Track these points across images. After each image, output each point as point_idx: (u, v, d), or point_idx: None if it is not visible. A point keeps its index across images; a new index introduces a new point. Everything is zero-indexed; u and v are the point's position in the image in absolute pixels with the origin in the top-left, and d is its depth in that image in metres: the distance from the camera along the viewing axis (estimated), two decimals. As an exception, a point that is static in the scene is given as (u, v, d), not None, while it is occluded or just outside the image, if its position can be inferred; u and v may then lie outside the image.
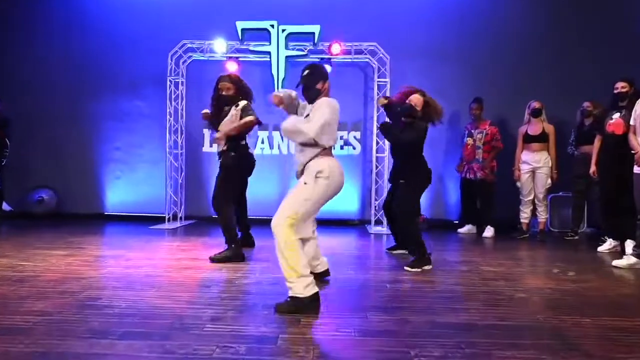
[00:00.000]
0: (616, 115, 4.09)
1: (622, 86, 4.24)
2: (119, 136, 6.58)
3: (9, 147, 5.87)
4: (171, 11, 6.43)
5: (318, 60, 5.98)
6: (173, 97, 6.17)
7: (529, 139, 5.36)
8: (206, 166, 6.47)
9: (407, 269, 3.44)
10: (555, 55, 6.24)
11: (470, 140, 5.66)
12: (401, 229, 3.80)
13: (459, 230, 5.82)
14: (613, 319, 2.37)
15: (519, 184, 5.47)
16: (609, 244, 4.44)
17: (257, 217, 6.24)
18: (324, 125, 2.56)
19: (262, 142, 6.46)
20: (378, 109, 6.08)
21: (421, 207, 4.00)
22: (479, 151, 5.58)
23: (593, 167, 4.55)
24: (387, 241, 5.03)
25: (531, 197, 5.40)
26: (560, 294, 2.87)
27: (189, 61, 6.26)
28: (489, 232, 5.50)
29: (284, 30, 5.86)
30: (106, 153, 6.61)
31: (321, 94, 2.71)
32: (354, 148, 6.44)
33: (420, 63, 6.30)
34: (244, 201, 4.29)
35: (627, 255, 3.73)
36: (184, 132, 6.30)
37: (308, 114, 2.68)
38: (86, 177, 6.58)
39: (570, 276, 3.35)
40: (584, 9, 6.23)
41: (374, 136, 6.09)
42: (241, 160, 3.84)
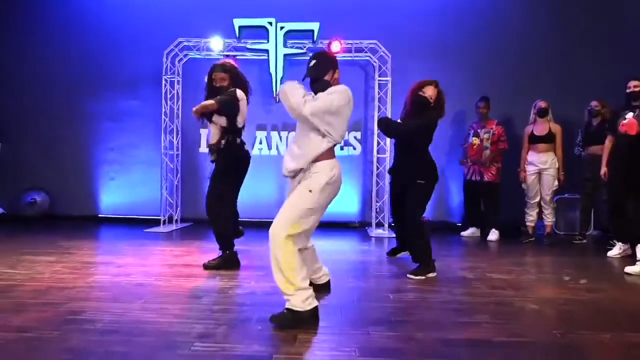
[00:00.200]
0: (629, 115, 3.92)
1: (635, 85, 4.07)
2: (113, 136, 6.41)
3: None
4: (167, 8, 6.26)
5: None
6: (169, 96, 6.00)
7: (535, 139, 5.20)
8: (203, 167, 6.30)
9: (410, 277, 3.28)
10: (560, 53, 6.08)
11: (476, 140, 5.48)
12: (410, 238, 3.56)
13: (462, 233, 5.65)
14: (635, 334, 2.20)
15: (524, 185, 5.30)
16: (618, 248, 4.28)
17: (255, 219, 6.11)
18: (326, 111, 2.30)
19: (260, 143, 6.29)
20: (379, 108, 5.92)
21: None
22: (486, 152, 5.41)
23: (604, 169, 4.38)
24: (389, 245, 4.87)
25: (537, 199, 5.23)
26: (574, 305, 2.70)
27: (185, 60, 6.09)
28: (493, 235, 5.33)
29: (282, 28, 5.69)
30: (100, 154, 6.44)
31: (331, 86, 2.45)
32: (354, 148, 6.27)
33: (422, 61, 6.13)
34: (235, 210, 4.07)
35: (640, 262, 3.57)
36: (179, 133, 6.13)
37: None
38: (80, 178, 6.41)
39: (582, 284, 3.18)
40: (587, 7, 6.07)
41: (375, 136, 5.92)
42: (231, 159, 3.49)
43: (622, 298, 2.88)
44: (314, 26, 5.68)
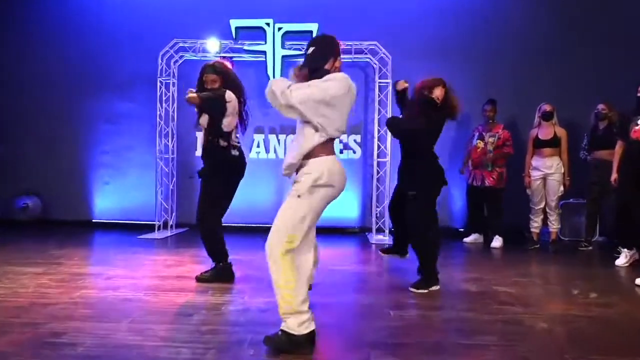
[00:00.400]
0: (641, 121, 3.78)
1: (646, 89, 3.93)
2: (107, 139, 6.27)
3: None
4: (162, 9, 6.11)
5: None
6: (164, 98, 5.85)
7: (539, 143, 5.05)
8: (199, 171, 6.15)
9: (412, 290, 3.13)
10: (564, 53, 5.92)
11: (480, 144, 5.33)
12: (413, 246, 3.32)
13: (465, 239, 5.51)
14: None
15: (529, 191, 5.16)
16: (624, 256, 4.14)
17: (253, 224, 5.97)
18: (320, 101, 2.04)
19: (258, 146, 6.15)
20: (379, 111, 5.78)
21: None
22: (489, 155, 5.26)
23: (614, 175, 4.23)
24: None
25: (542, 205, 5.09)
26: (585, 322, 2.56)
27: (180, 61, 5.95)
28: (497, 242, 5.18)
29: (280, 29, 5.55)
30: (94, 157, 6.30)
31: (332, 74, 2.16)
32: (354, 152, 6.13)
33: (424, 63, 5.96)
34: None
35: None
36: (175, 136, 5.99)
37: None
38: (73, 182, 6.27)
39: (592, 298, 3.04)
40: (590, 7, 5.92)
41: (375, 140, 5.78)
42: (216, 162, 3.25)
43: (635, 314, 2.74)
44: (313, 27, 5.54)
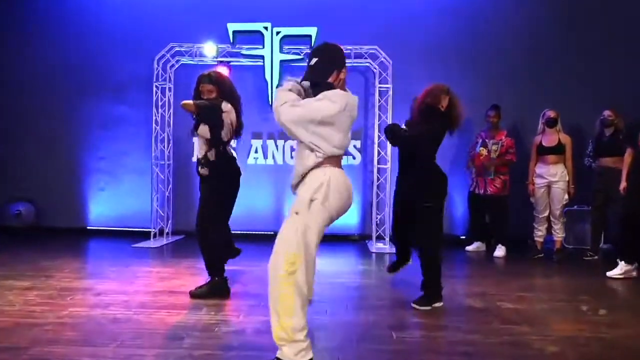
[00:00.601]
0: (650, 129, 3.67)
1: (655, 96, 3.82)
2: (103, 145, 6.15)
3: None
4: (158, 12, 5.99)
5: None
6: (160, 104, 5.73)
7: (543, 150, 4.94)
8: (195, 178, 5.86)
9: (414, 306, 3.01)
10: (568, 58, 5.81)
11: (484, 151, 5.22)
12: (424, 261, 3.15)
13: (467, 247, 5.39)
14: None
15: (532, 199, 5.04)
16: (620, 268, 4.01)
17: (251, 232, 5.85)
18: (310, 121, 1.95)
19: (256, 152, 6.04)
20: (379, 117, 5.66)
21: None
22: (492, 162, 5.14)
23: (624, 183, 4.12)
24: (390, 261, 4.61)
25: (546, 213, 4.98)
26: (597, 345, 2.44)
27: (177, 65, 5.83)
28: (500, 251, 5.06)
29: (278, 33, 5.43)
30: (89, 163, 6.18)
31: (335, 88, 2.04)
32: (353, 158, 6.01)
33: (425, 67, 5.87)
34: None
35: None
36: (171, 141, 5.87)
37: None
38: (68, 188, 6.15)
39: (602, 317, 2.92)
40: (597, 14, 5.80)
41: (375, 146, 5.66)
42: (222, 172, 3.26)
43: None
44: (312, 31, 5.42)
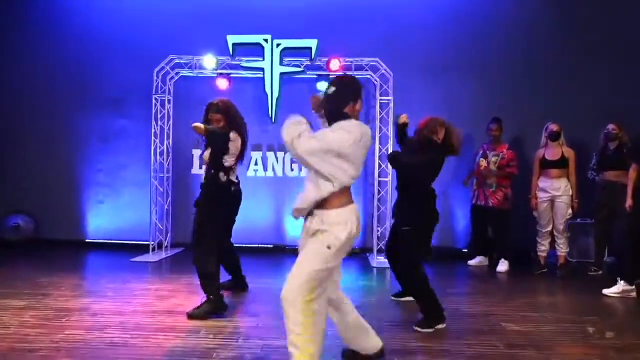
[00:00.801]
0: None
1: (660, 112, 3.78)
2: (101, 157, 6.12)
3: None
4: (158, 24, 5.97)
5: (316, 76, 5.54)
6: (159, 116, 5.70)
7: (546, 164, 4.89)
8: (195, 190, 5.90)
9: (416, 329, 2.96)
10: (571, 70, 5.78)
11: (483, 162, 5.18)
12: (406, 284, 3.30)
13: (470, 262, 5.33)
14: None
15: (535, 213, 4.99)
16: (618, 287, 3.95)
17: (250, 244, 5.79)
18: (327, 151, 1.97)
19: (256, 164, 5.99)
20: (380, 129, 5.63)
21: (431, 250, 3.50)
22: (492, 176, 5.10)
23: (629, 201, 4.07)
24: (392, 277, 4.55)
25: (549, 227, 4.93)
26: (605, 372, 2.38)
27: (176, 77, 5.80)
28: (502, 266, 5.00)
29: (278, 45, 5.39)
30: (88, 175, 6.14)
31: (350, 119, 2.11)
32: (354, 170, 5.95)
33: (426, 80, 5.86)
34: (229, 244, 3.80)
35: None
36: (170, 154, 5.83)
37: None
38: (66, 201, 6.10)
39: (610, 340, 2.85)
40: (600, 24, 5.78)
41: (376, 158, 5.62)
42: (212, 194, 3.39)
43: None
44: (312, 43, 5.39)
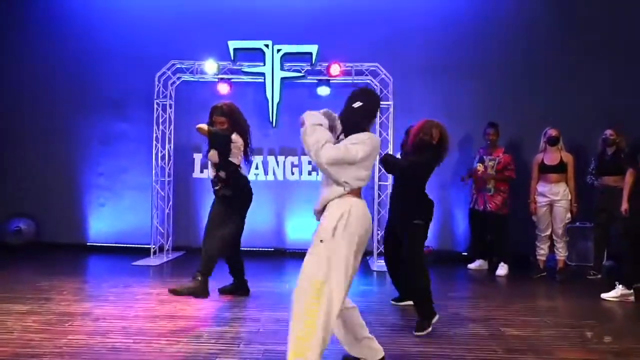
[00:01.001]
0: (652, 151, 3.66)
1: (657, 118, 3.81)
2: (102, 161, 6.16)
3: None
4: (159, 30, 6.02)
5: (316, 81, 5.58)
6: (160, 120, 5.74)
7: (545, 169, 4.92)
8: (197, 193, 6.03)
9: (417, 334, 3.00)
10: (570, 75, 5.82)
11: (480, 167, 5.22)
12: (409, 282, 3.34)
13: (470, 265, 5.36)
14: None
15: (535, 217, 5.01)
16: (616, 292, 3.97)
17: (251, 248, 5.81)
18: (345, 162, 2.09)
19: (257, 168, 6.02)
20: (380, 134, 5.66)
21: (427, 238, 3.49)
22: (491, 181, 5.13)
23: (625, 205, 4.10)
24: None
25: (548, 232, 4.95)
26: (604, 377, 2.41)
27: (177, 82, 5.84)
28: (502, 269, 5.03)
29: (279, 50, 5.44)
30: (89, 178, 6.17)
31: (365, 131, 2.22)
32: (354, 174, 5.98)
33: (425, 84, 5.90)
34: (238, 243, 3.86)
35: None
36: (172, 158, 5.86)
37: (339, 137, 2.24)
38: (68, 204, 6.14)
39: (607, 344, 2.88)
40: (599, 29, 5.82)
41: (376, 163, 5.64)
42: (238, 192, 3.62)
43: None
44: (312, 48, 5.43)
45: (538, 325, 3.24)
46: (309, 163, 5.94)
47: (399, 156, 3.68)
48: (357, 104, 2.21)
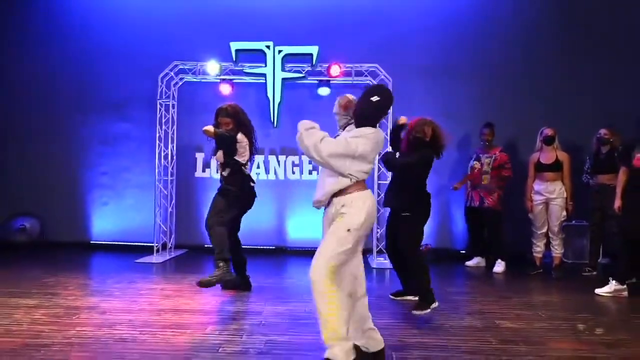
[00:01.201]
0: (644, 149, 3.75)
1: (648, 117, 3.91)
2: (106, 160, 6.25)
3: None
4: (163, 32, 6.12)
5: (317, 81, 5.68)
6: (163, 120, 5.83)
7: (541, 167, 5.01)
8: (199, 192, 6.12)
9: (415, 313, 3.22)
10: (564, 76, 5.92)
11: (477, 164, 5.31)
12: (410, 267, 3.49)
13: (467, 263, 5.45)
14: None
15: (531, 215, 5.10)
16: (610, 287, 4.05)
17: (253, 246, 5.89)
18: (347, 156, 2.19)
19: (258, 167, 6.11)
20: (380, 133, 5.75)
21: (425, 236, 3.73)
22: (486, 176, 5.23)
23: (618, 202, 4.19)
24: (391, 276, 4.67)
25: (544, 229, 5.04)
26: (593, 366, 2.50)
27: (180, 83, 5.94)
28: (499, 267, 5.12)
29: (280, 52, 5.54)
30: (92, 178, 6.27)
31: (372, 126, 2.30)
32: (354, 174, 6.08)
33: (424, 85, 5.99)
34: (236, 238, 3.95)
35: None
36: (174, 158, 5.96)
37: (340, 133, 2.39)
38: (72, 203, 6.23)
39: (599, 336, 2.97)
40: (594, 30, 5.92)
41: (376, 162, 5.74)
42: (242, 189, 3.74)
43: (643, 354, 2.67)
44: (313, 50, 5.54)
45: (532, 318, 3.33)
46: (310, 162, 6.03)
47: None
48: (375, 98, 2.27)
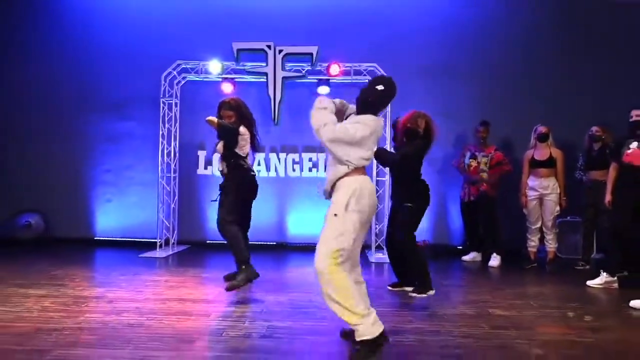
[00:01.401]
0: (634, 145, 3.88)
1: (637, 114, 4.03)
2: (110, 158, 6.37)
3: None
4: (165, 31, 6.25)
5: (316, 80, 5.80)
6: (166, 119, 5.96)
7: (535, 164, 5.14)
8: (200, 190, 6.24)
9: (412, 295, 3.42)
10: (562, 76, 6.05)
11: (474, 162, 5.43)
12: (407, 255, 3.60)
13: (464, 257, 5.57)
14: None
15: (525, 210, 5.23)
16: (600, 279, 4.17)
17: (254, 242, 5.98)
18: (347, 142, 2.31)
19: (259, 164, 6.23)
20: (378, 131, 5.87)
21: (422, 232, 3.88)
22: (483, 174, 5.35)
23: (609, 197, 4.31)
24: (389, 271, 4.78)
25: (538, 224, 5.17)
26: (581, 349, 2.61)
27: (183, 82, 6.07)
28: (494, 261, 5.24)
29: (281, 51, 5.67)
30: (96, 175, 6.39)
31: (373, 115, 2.44)
32: (353, 171, 6.19)
33: (422, 84, 6.11)
34: (246, 226, 4.07)
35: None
36: (177, 155, 6.08)
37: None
38: (76, 200, 6.35)
39: (587, 322, 3.09)
40: (590, 30, 6.05)
41: (374, 159, 5.86)
42: (241, 181, 3.79)
43: (633, 341, 2.78)
44: (313, 49, 5.66)
45: (524, 307, 3.45)
46: (310, 160, 6.16)
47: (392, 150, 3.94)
48: (380, 87, 2.41)
